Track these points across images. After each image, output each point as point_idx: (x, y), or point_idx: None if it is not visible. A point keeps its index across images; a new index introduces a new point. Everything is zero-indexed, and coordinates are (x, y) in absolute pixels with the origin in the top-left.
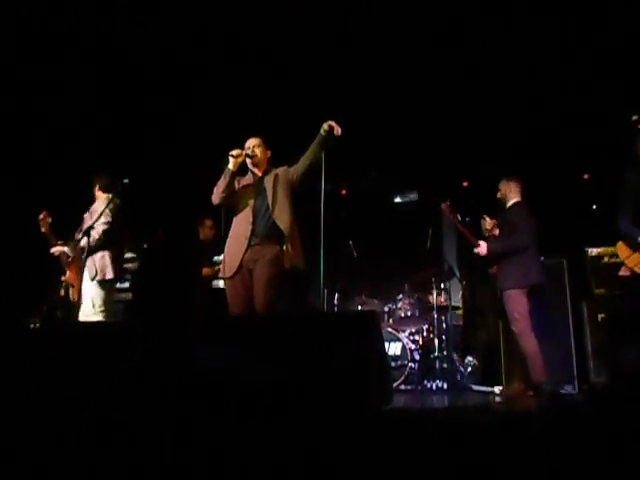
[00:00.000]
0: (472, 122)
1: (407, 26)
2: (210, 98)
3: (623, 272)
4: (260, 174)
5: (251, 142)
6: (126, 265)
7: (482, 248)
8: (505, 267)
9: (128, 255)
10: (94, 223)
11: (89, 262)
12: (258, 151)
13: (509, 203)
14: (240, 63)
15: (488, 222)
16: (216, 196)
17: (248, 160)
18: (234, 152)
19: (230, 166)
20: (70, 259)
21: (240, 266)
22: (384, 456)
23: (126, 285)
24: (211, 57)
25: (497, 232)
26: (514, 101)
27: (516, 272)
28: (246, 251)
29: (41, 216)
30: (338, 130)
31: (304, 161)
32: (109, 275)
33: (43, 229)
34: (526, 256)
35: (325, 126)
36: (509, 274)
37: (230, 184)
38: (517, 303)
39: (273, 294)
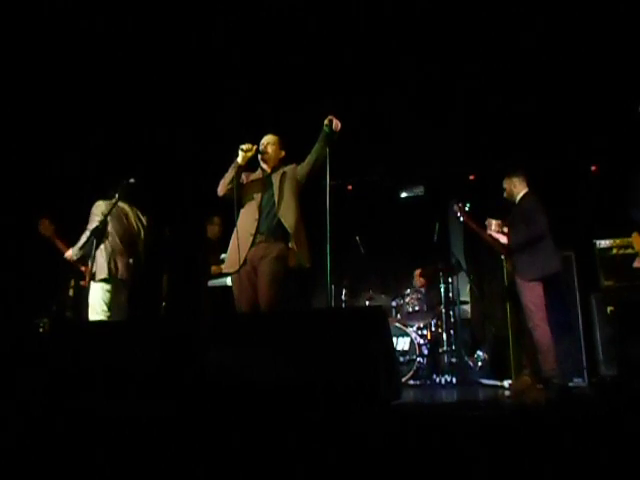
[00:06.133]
0: (478, 115)
1: (410, 19)
2: (219, 94)
3: (638, 263)
4: (269, 171)
5: (266, 139)
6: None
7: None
8: (523, 257)
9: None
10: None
11: (92, 263)
12: (271, 149)
13: (518, 196)
14: (246, 60)
15: (494, 224)
16: (221, 188)
17: (259, 155)
18: (244, 146)
19: (239, 159)
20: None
21: (244, 262)
22: (394, 451)
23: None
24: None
25: (506, 230)
26: (520, 93)
27: (534, 263)
28: (251, 247)
29: (40, 225)
30: (337, 124)
31: (309, 159)
32: (101, 275)
33: (47, 235)
34: (543, 245)
35: (325, 121)
36: (527, 265)
37: (236, 177)
38: (533, 294)
39: (277, 291)
